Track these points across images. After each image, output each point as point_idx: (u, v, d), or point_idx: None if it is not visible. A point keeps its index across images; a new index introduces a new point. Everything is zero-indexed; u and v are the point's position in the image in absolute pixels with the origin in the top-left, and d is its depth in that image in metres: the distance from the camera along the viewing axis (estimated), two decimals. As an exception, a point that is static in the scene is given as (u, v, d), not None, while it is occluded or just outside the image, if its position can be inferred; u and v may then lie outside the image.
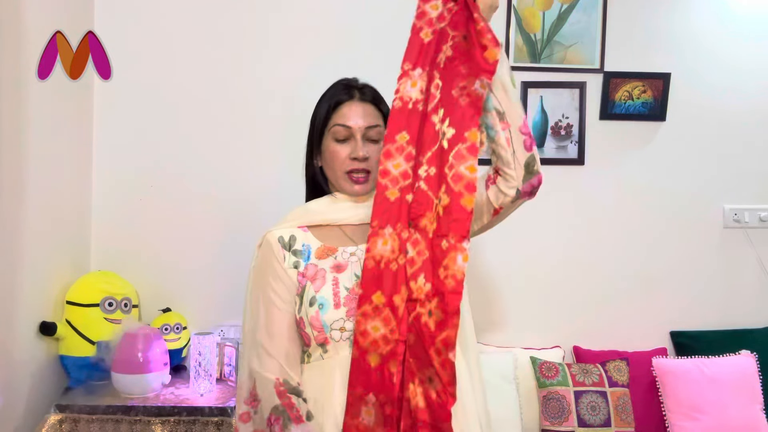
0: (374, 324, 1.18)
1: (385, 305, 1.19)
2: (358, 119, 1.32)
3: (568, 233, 2.59)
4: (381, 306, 1.19)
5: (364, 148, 1.31)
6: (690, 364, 2.40)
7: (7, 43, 1.81)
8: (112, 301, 2.24)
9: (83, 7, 2.35)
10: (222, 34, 2.45)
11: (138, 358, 2.04)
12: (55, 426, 1.91)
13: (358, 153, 1.30)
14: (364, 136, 1.32)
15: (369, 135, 1.31)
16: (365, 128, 1.31)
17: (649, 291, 2.62)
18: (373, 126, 1.32)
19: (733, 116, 2.64)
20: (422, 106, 1.27)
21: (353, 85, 1.37)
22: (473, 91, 1.26)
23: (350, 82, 1.38)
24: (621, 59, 2.58)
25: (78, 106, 2.33)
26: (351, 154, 1.31)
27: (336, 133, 1.33)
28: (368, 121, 1.32)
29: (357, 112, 1.33)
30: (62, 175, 2.22)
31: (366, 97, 1.35)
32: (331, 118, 1.34)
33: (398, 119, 1.26)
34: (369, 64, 2.61)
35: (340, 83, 1.39)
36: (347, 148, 1.32)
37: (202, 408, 1.96)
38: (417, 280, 1.19)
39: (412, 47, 1.31)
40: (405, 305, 1.19)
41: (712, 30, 2.63)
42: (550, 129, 2.58)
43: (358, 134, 1.31)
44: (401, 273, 1.20)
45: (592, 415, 2.28)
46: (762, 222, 2.64)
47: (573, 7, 2.57)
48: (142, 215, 2.42)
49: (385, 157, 1.24)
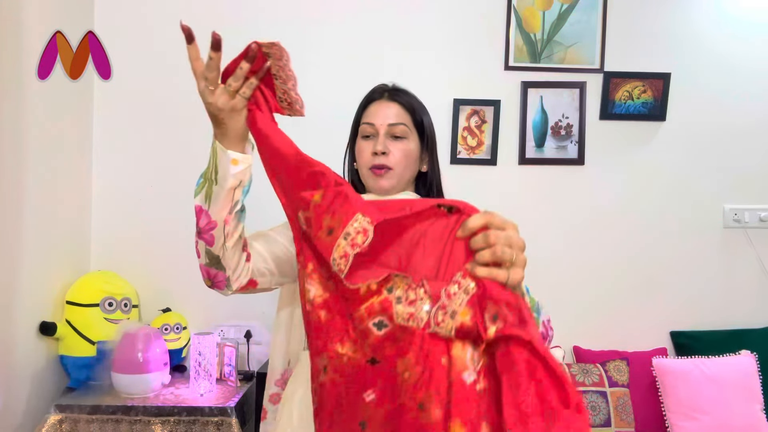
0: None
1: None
2: (381, 117, 1.33)
3: (567, 233, 2.59)
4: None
5: (385, 144, 1.31)
6: (690, 364, 2.40)
7: (7, 43, 1.81)
8: (112, 301, 2.24)
9: (83, 7, 2.35)
10: (222, 34, 2.44)
11: (138, 358, 2.04)
12: (55, 426, 1.91)
13: (377, 147, 1.30)
14: (387, 132, 1.32)
15: (392, 132, 1.32)
16: (388, 125, 1.32)
17: (649, 291, 2.62)
18: (397, 123, 1.32)
19: (733, 116, 2.64)
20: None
21: (385, 87, 1.39)
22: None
23: (384, 85, 1.40)
24: (621, 59, 2.58)
25: (78, 106, 2.34)
26: (372, 150, 1.32)
27: (363, 131, 1.35)
28: (392, 118, 1.33)
29: (382, 110, 1.34)
30: (62, 176, 2.22)
31: (394, 97, 1.36)
32: (361, 118, 1.37)
33: None
34: (374, 66, 2.64)
35: (375, 87, 1.41)
36: (371, 145, 1.32)
37: (202, 408, 1.96)
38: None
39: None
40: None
41: (712, 30, 2.63)
42: (550, 129, 2.58)
43: (381, 130, 1.32)
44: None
45: (592, 415, 2.28)
46: (762, 222, 2.64)
47: (573, 7, 2.57)
48: (142, 215, 2.42)
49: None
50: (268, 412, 1.35)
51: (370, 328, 0.99)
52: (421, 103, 1.38)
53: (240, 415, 2.02)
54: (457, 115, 2.53)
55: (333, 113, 1.91)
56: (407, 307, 0.97)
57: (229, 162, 1.06)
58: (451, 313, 0.94)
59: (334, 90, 2.27)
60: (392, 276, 0.98)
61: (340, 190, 1.01)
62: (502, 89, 2.56)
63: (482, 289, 0.92)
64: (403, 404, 0.96)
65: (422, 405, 0.94)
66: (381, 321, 0.99)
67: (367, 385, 0.98)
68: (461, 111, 2.54)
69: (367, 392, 0.98)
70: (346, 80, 2.34)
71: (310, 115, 1.22)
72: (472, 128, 2.55)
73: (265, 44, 0.99)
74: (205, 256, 1.13)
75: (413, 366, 0.96)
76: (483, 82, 2.56)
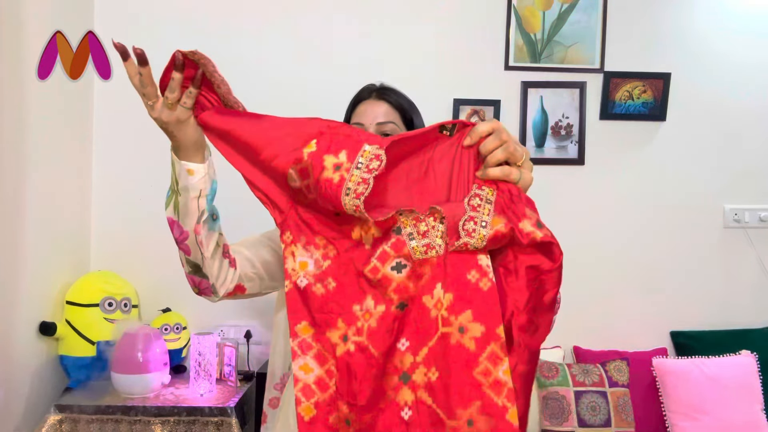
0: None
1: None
2: (370, 116, 1.32)
3: (567, 233, 2.58)
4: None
5: None
6: (690, 364, 2.40)
7: (7, 43, 1.81)
8: (112, 301, 2.24)
9: (83, 7, 2.35)
10: (222, 34, 2.45)
11: (138, 358, 2.03)
12: (55, 426, 1.91)
13: None
14: (376, 131, 1.30)
15: (382, 130, 1.30)
16: (377, 124, 1.30)
17: (649, 291, 2.62)
18: (385, 122, 1.31)
19: (733, 116, 2.64)
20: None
21: (373, 86, 1.38)
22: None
23: (372, 84, 1.39)
24: (621, 59, 2.58)
25: (78, 106, 2.34)
26: None
27: None
28: (381, 117, 1.31)
29: (371, 109, 1.33)
30: (62, 175, 2.22)
31: (382, 96, 1.35)
32: (351, 118, 1.36)
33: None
34: (374, 66, 2.64)
35: (363, 87, 1.40)
36: None
37: (202, 408, 1.96)
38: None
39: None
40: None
41: (712, 30, 2.63)
42: (550, 129, 2.58)
43: (371, 129, 1.30)
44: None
45: (592, 415, 2.28)
46: (762, 222, 2.64)
47: (573, 7, 2.57)
48: (142, 215, 2.42)
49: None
50: (268, 416, 1.34)
51: (388, 274, 0.97)
52: (410, 102, 1.37)
53: (240, 416, 2.02)
54: (457, 115, 2.53)
55: (333, 114, 1.90)
56: (422, 239, 0.97)
57: (186, 173, 1.04)
58: (482, 223, 0.95)
59: (335, 90, 2.27)
60: (396, 216, 0.98)
61: (337, 131, 1.00)
62: (502, 89, 2.56)
63: (506, 194, 0.97)
64: (444, 335, 0.94)
65: (462, 328, 0.94)
66: (399, 263, 0.97)
67: (400, 334, 0.96)
68: (461, 111, 2.54)
69: (401, 341, 0.96)
70: (347, 80, 2.34)
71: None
72: (472, 128, 2.55)
73: (188, 52, 0.97)
74: (186, 265, 1.13)
75: (443, 295, 0.95)
76: (483, 82, 2.56)
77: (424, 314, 0.95)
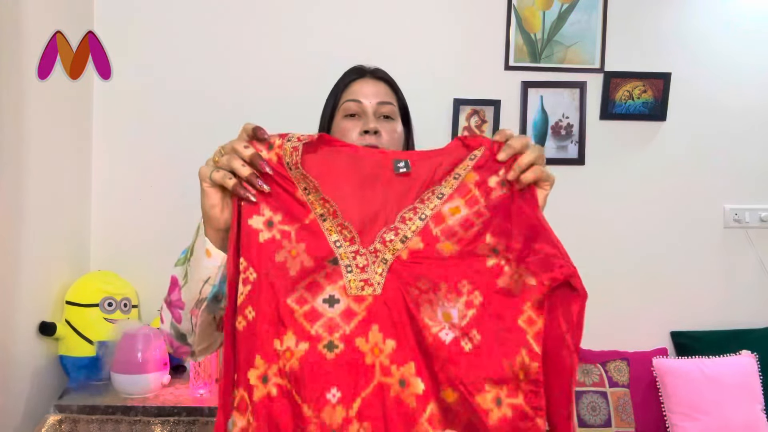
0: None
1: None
2: (369, 95, 1.18)
3: (567, 233, 2.58)
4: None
5: (376, 123, 1.16)
6: (690, 364, 2.39)
7: (7, 43, 1.81)
8: (112, 301, 2.24)
9: (83, 7, 2.35)
10: (222, 34, 2.45)
11: (137, 359, 2.03)
12: (55, 426, 1.90)
13: (369, 125, 1.14)
14: (375, 112, 1.17)
15: (381, 111, 1.18)
16: (377, 104, 1.17)
17: (649, 291, 2.62)
18: (385, 102, 1.18)
19: (733, 116, 2.64)
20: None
21: (365, 67, 1.26)
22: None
23: (361, 65, 1.27)
24: (621, 59, 2.58)
25: (78, 106, 2.33)
26: (363, 128, 1.15)
27: (346, 109, 1.18)
28: (380, 97, 1.18)
29: (369, 88, 1.20)
30: (62, 175, 2.22)
31: (378, 75, 1.24)
32: (341, 98, 1.21)
33: None
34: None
35: (352, 68, 1.28)
36: (359, 124, 1.16)
37: (202, 408, 1.96)
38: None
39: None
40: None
41: (712, 30, 2.63)
42: (550, 129, 2.58)
43: (370, 110, 1.16)
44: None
45: (592, 415, 2.28)
46: (762, 222, 2.64)
47: (573, 7, 2.57)
48: (142, 215, 2.42)
49: None
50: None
51: (319, 307, 0.84)
52: (396, 82, 1.27)
53: (240, 415, 2.01)
54: (457, 115, 2.53)
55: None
56: (360, 274, 0.86)
57: (204, 252, 0.95)
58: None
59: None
60: (335, 248, 0.87)
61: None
62: (502, 89, 2.56)
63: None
64: (382, 385, 0.82)
65: (402, 381, 0.82)
66: (332, 296, 0.84)
67: (328, 383, 0.81)
68: (461, 111, 2.54)
69: (331, 391, 0.81)
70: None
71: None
72: (472, 128, 2.55)
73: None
74: (170, 327, 1.02)
75: (382, 340, 0.83)
76: (483, 82, 2.56)
77: (359, 359, 0.82)
